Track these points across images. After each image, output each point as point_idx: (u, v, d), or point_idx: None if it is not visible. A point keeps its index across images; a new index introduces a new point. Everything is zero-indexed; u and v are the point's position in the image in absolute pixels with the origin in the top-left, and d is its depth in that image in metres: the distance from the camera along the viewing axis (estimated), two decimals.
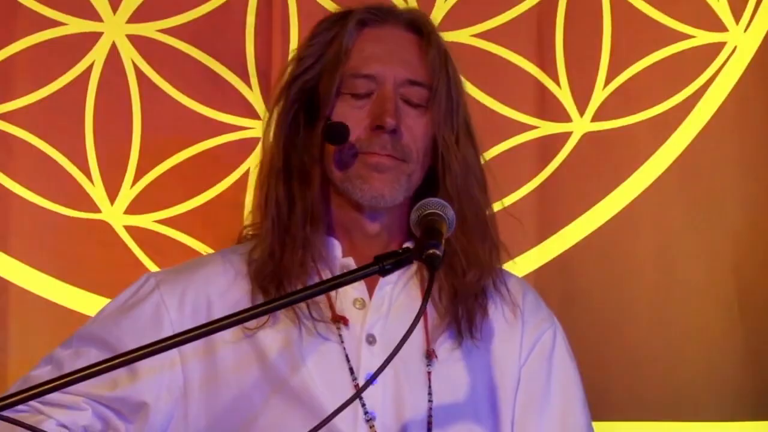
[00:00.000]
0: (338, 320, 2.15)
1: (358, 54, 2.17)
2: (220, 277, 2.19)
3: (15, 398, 1.69)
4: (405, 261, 1.90)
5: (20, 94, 3.01)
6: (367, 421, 2.11)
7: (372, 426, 2.11)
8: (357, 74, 2.16)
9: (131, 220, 3.04)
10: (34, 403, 2.07)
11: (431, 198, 2.01)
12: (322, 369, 2.12)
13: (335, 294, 2.16)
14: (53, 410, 2.09)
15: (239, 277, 2.18)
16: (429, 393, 2.15)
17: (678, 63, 3.19)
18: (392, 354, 1.82)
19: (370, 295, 2.18)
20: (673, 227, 3.17)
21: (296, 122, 2.19)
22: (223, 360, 2.13)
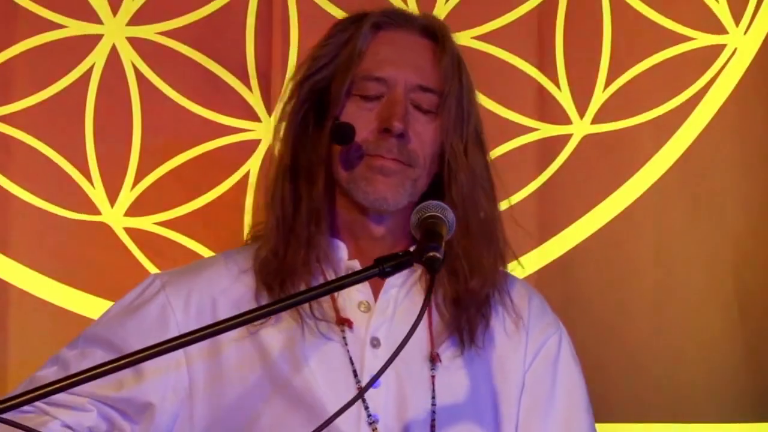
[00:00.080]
0: (342, 323, 2.15)
1: (372, 57, 2.17)
2: (224, 276, 2.19)
3: (20, 399, 1.69)
4: (405, 263, 1.89)
5: (20, 97, 3.01)
6: (370, 424, 2.10)
7: (375, 428, 2.10)
8: (368, 76, 2.16)
9: (131, 222, 3.04)
10: (40, 404, 2.06)
11: (431, 201, 2.00)
12: (325, 370, 2.12)
13: (339, 296, 2.15)
14: (58, 411, 2.08)
15: (242, 274, 2.17)
16: (432, 396, 2.14)
17: (678, 65, 3.19)
18: (393, 355, 1.82)
19: (375, 299, 2.18)
20: (673, 229, 3.17)
21: (306, 121, 2.19)
22: (228, 359, 2.12)
